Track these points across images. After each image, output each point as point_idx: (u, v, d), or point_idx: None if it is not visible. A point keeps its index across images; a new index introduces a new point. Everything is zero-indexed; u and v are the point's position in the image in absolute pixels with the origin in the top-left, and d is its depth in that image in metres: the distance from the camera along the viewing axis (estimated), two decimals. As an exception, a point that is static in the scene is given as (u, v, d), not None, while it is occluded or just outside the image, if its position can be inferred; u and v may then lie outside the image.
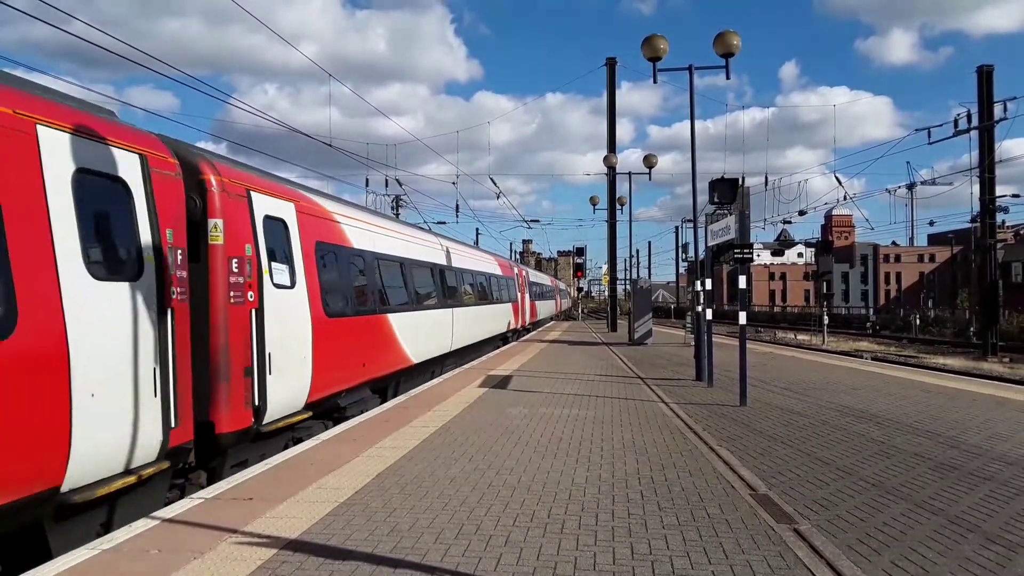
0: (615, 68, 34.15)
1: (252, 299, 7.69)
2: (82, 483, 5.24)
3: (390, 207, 36.26)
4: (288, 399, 8.40)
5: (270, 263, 8.15)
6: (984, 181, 28.61)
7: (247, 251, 7.69)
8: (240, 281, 7.50)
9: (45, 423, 4.93)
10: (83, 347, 5.19)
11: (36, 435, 4.87)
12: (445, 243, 19.44)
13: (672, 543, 4.56)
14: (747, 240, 10.79)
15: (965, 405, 10.57)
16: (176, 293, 6.38)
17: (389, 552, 4.38)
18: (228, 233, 7.37)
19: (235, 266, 7.43)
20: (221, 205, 7.32)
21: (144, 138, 6.37)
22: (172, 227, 6.40)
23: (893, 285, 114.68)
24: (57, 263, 5.10)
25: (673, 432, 8.45)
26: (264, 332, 7.82)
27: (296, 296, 8.79)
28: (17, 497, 4.70)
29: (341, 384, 10.18)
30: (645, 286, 29.26)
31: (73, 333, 5.12)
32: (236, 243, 7.50)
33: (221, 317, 7.21)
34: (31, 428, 4.82)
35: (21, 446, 4.75)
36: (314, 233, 9.61)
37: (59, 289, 5.09)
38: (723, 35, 12.39)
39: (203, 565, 4.15)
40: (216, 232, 7.26)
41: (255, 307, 7.72)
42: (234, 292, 7.39)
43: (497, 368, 16.01)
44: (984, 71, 28.24)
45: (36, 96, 5.37)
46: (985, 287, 29.65)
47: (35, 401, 4.85)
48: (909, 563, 4.27)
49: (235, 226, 7.52)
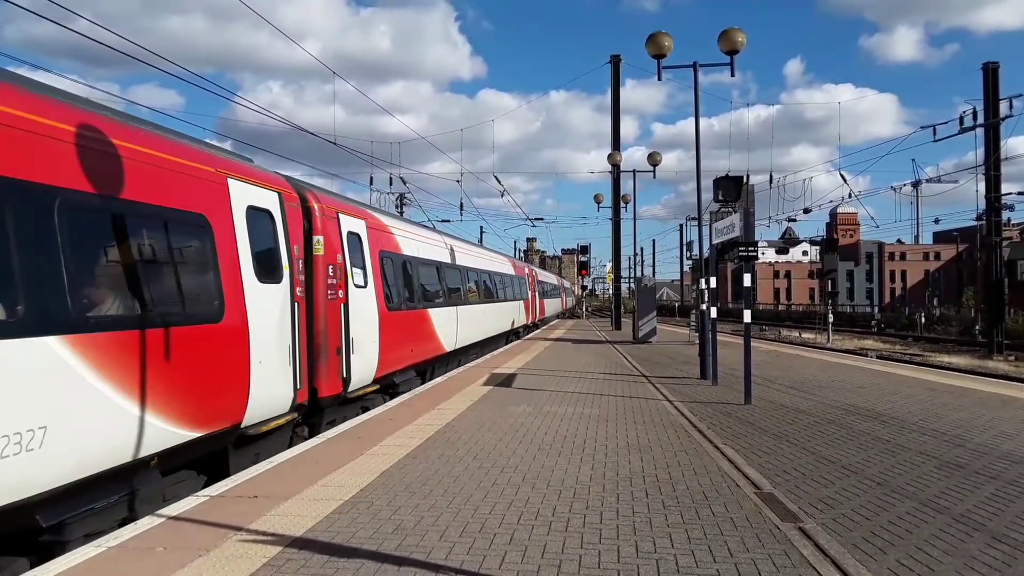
0: (619, 65, 34.15)
1: (341, 296, 9.88)
2: (252, 423, 7.51)
3: (394, 205, 36.30)
4: (363, 374, 10.65)
5: (351, 268, 10.42)
6: (990, 179, 28.49)
7: (338, 259, 9.95)
8: (333, 283, 9.67)
9: (238, 379, 7.20)
10: (254, 329, 7.47)
11: (233, 387, 7.14)
12: (471, 248, 22.59)
13: (677, 541, 4.56)
14: (752, 238, 10.76)
15: (970, 403, 10.54)
16: (298, 292, 8.59)
17: (394, 550, 4.39)
18: (326, 246, 9.54)
19: (330, 271, 9.63)
20: (322, 225, 9.55)
21: (278, 180, 8.79)
22: (297, 243, 8.70)
23: (898, 283, 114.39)
24: (241, 271, 7.38)
25: (678, 430, 8.44)
26: (349, 322, 10.03)
27: (368, 294, 11.09)
28: (222, 427, 6.94)
29: (397, 365, 12.46)
30: (649, 284, 29.25)
31: (250, 319, 7.39)
32: (331, 253, 9.70)
33: (322, 310, 9.31)
34: (231, 382, 7.10)
35: (226, 393, 7.04)
36: (378, 243, 12.00)
37: (242, 289, 7.35)
38: (728, 32, 12.35)
39: (208, 562, 4.17)
40: (319, 246, 9.42)
41: (343, 303, 9.93)
42: (330, 291, 9.52)
43: (501, 366, 16.01)
44: (990, 68, 28.10)
45: (224, 157, 7.89)
46: (990, 285, 29.51)
47: (233, 364, 7.14)
48: (914, 561, 4.26)
49: (330, 241, 9.71)
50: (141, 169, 6.12)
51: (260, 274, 7.71)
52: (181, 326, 6.37)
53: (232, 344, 7.12)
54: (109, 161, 5.74)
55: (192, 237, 6.86)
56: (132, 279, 6.03)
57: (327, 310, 9.40)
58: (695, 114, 13.50)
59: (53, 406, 4.89)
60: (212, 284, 6.95)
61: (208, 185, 7.11)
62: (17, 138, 4.83)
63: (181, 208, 6.65)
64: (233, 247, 7.28)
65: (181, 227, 6.68)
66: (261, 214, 8.00)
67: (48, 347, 4.87)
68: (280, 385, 8.03)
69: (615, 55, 34.01)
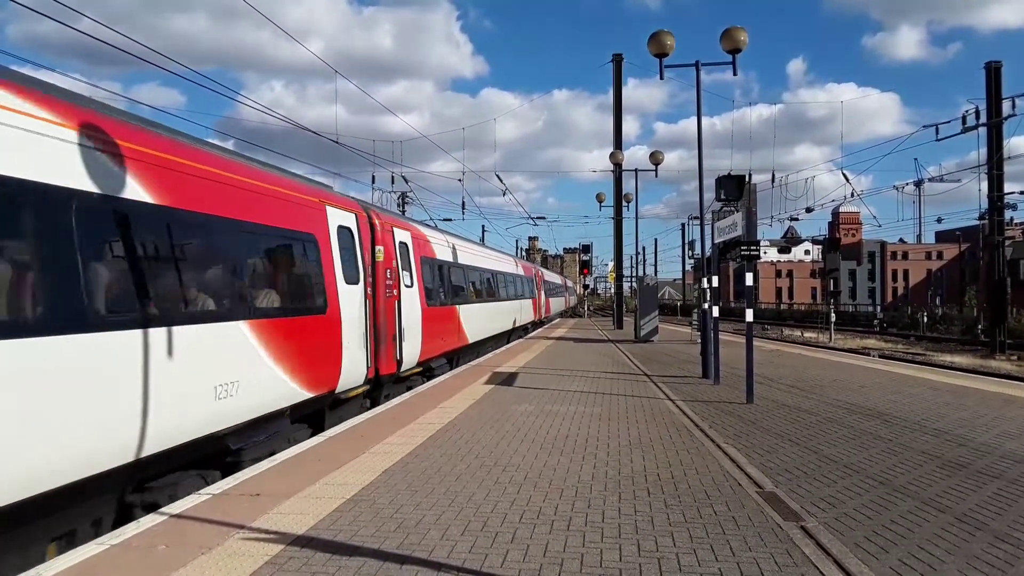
0: (621, 64, 34.05)
1: (395, 294, 12.31)
2: (342, 390, 9.92)
3: (396, 204, 36.28)
4: (411, 358, 13.16)
5: (402, 272, 12.94)
6: (992, 178, 28.42)
7: (393, 264, 12.37)
8: (390, 283, 12.04)
9: (335, 356, 9.60)
10: (344, 320, 9.88)
11: (332, 362, 9.52)
12: (490, 252, 25.93)
13: (679, 540, 4.56)
14: (754, 237, 10.74)
15: (973, 403, 10.53)
16: (368, 291, 10.96)
17: (396, 548, 4.39)
18: (385, 254, 11.78)
19: (388, 274, 12.00)
20: (381, 237, 11.84)
21: (354, 203, 11.41)
22: (367, 252, 11.11)
23: (900, 282, 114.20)
24: (336, 275, 9.80)
25: (680, 429, 8.44)
26: (401, 315, 12.47)
27: (414, 293, 13.68)
28: (325, 391, 9.31)
29: (434, 352, 15.02)
30: (651, 283, 29.26)
31: (342, 312, 9.82)
32: (388, 260, 12.04)
33: (382, 305, 11.57)
34: (331, 358, 9.48)
35: (328, 366, 9.42)
36: (420, 250, 14.61)
37: (337, 289, 9.77)
38: (730, 31, 12.34)
39: (210, 560, 4.17)
40: (380, 254, 11.63)
41: (397, 300, 12.39)
42: (387, 290, 11.86)
43: (503, 365, 16.01)
44: (992, 67, 28.03)
45: (321, 188, 10.83)
46: (993, 284, 29.44)
47: (332, 345, 9.55)
48: (916, 560, 4.26)
49: (387, 250, 12.05)
50: (285, 205, 8.83)
51: (346, 278, 10.16)
52: (305, 316, 8.98)
53: (332, 330, 9.62)
54: (275, 202, 8.60)
55: (309, 251, 9.32)
56: (281, 282, 8.65)
57: (386, 306, 11.74)
58: (697, 113, 13.51)
59: (242, 367, 7.25)
60: (321, 285, 9.42)
61: (315, 212, 9.69)
62: (244, 197, 7.77)
63: (304, 231, 9.22)
64: (331, 257, 9.80)
65: (303, 244, 9.19)
66: (345, 231, 10.48)
67: (239, 329, 7.27)
68: (359, 363, 10.47)
69: (617, 54, 33.90)
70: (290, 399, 8.29)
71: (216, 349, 6.88)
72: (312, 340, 8.97)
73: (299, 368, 8.37)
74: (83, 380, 5.19)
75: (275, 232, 8.52)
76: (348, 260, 10.34)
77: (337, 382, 9.64)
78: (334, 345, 9.58)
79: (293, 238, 8.93)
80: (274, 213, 8.47)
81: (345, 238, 10.36)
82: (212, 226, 7.16)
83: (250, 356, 7.39)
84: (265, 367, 7.64)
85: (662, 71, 13.51)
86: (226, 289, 7.32)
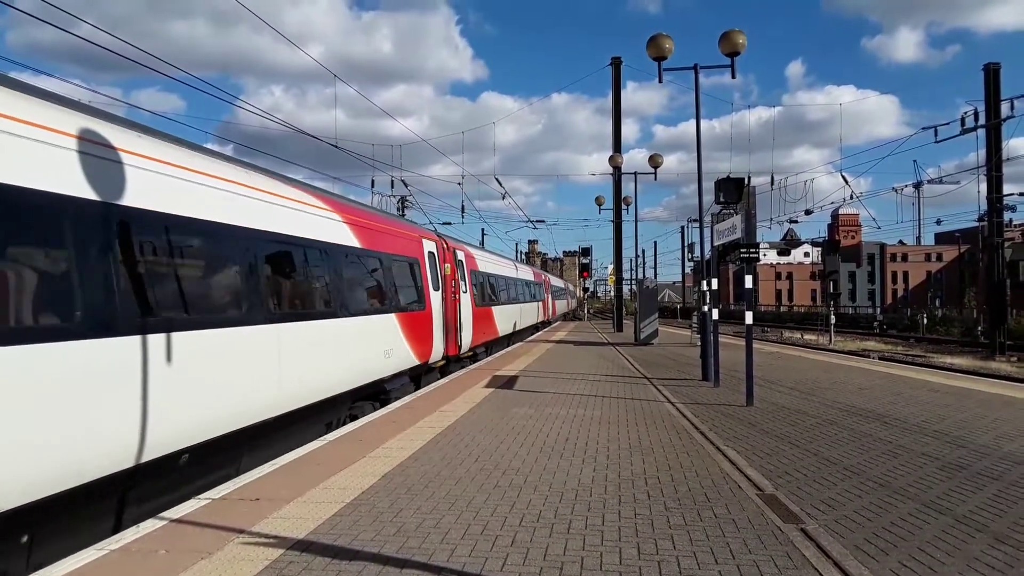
0: (620, 68, 34.11)
1: (456, 298, 17.10)
2: (431, 361, 14.68)
3: (396, 208, 36.29)
4: (465, 345, 17.90)
5: (459, 281, 17.64)
6: (991, 179, 28.45)
7: (456, 276, 17.21)
8: (453, 289, 16.78)
9: (429, 339, 14.42)
10: (433, 315, 14.76)
11: (428, 343, 14.31)
12: (511, 263, 33.03)
13: (679, 543, 4.56)
14: (753, 240, 10.73)
15: (973, 404, 10.53)
16: (443, 295, 15.73)
17: (396, 552, 4.39)
18: (451, 269, 16.57)
19: (453, 284, 16.78)
20: (449, 257, 16.84)
21: (433, 234, 16.82)
22: (441, 267, 15.98)
23: (900, 284, 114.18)
24: (428, 285, 14.72)
25: (680, 432, 8.44)
26: (460, 312, 17.33)
27: (467, 297, 18.62)
28: (423, 362, 14.06)
29: (478, 341, 19.97)
30: (651, 286, 29.22)
31: (432, 310, 14.71)
32: (452, 273, 16.82)
33: (450, 305, 16.29)
34: (427, 340, 14.27)
35: (426, 346, 14.20)
36: (470, 265, 19.84)
37: (429, 294, 14.71)
38: (729, 34, 12.35)
39: (210, 565, 4.17)
40: (448, 269, 16.44)
41: (458, 302, 17.21)
42: (453, 295, 16.68)
43: (503, 368, 16.01)
44: (991, 69, 28.08)
45: (417, 226, 17.35)
46: (992, 286, 29.45)
47: (428, 332, 14.38)
48: (916, 563, 4.26)
49: (452, 265, 16.83)
50: (406, 240, 14.03)
51: (433, 286, 15.02)
52: (417, 312, 13.76)
53: (428, 321, 14.38)
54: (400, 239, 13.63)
55: (416, 270, 14.10)
56: (406, 289, 13.37)
57: (451, 306, 16.47)
58: (696, 116, 13.52)
59: (393, 341, 12.20)
60: (423, 292, 14.27)
61: (416, 243, 14.59)
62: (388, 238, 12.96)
63: (412, 256, 14.03)
64: (426, 273, 14.64)
65: (413, 266, 14.00)
66: (431, 255, 15.40)
67: (391, 318, 12.24)
68: (440, 345, 15.20)
69: (616, 57, 33.98)
70: (410, 364, 13.16)
71: (384, 329, 11.86)
72: (420, 327, 13.78)
73: (414, 344, 13.30)
74: (340, 344, 9.94)
75: (402, 259, 13.37)
76: (434, 274, 15.28)
77: (429, 356, 14.44)
78: (429, 331, 14.42)
79: (410, 262, 13.87)
80: (400, 246, 13.41)
81: (431, 259, 15.33)
82: (380, 258, 12.20)
83: (396, 334, 12.40)
84: (401, 342, 12.62)
85: (661, 74, 13.54)
86: (385, 295, 12.26)
